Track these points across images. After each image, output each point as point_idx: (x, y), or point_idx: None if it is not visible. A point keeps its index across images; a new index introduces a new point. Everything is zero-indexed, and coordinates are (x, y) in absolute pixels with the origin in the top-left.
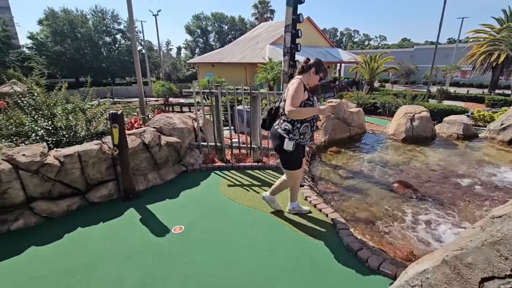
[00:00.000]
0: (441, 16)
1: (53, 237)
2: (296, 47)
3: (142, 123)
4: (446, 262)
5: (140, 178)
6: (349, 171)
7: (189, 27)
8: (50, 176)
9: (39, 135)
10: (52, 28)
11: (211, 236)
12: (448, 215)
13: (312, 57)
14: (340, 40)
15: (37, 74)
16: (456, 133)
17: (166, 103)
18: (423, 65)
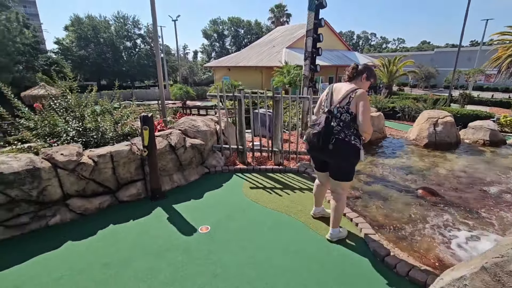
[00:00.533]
0: (465, 18)
1: (88, 233)
2: (317, 51)
3: (164, 126)
4: (485, 269)
5: (166, 179)
6: (370, 176)
7: (206, 31)
8: (84, 174)
9: (70, 136)
10: (77, 34)
11: (237, 236)
12: (476, 223)
13: (329, 61)
14: (356, 43)
15: (70, 79)
16: (482, 139)
17: (184, 105)
18: (444, 69)
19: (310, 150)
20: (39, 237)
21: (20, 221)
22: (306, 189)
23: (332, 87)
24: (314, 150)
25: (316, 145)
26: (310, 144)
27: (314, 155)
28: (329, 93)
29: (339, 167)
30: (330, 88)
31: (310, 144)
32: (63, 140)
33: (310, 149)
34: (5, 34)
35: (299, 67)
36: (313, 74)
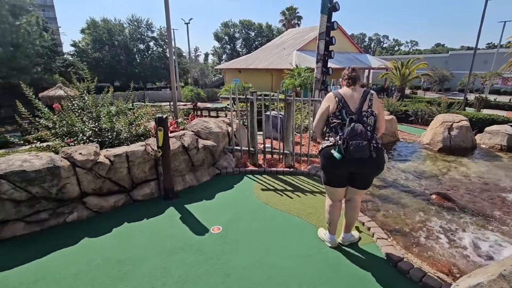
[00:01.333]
0: (481, 20)
1: (103, 230)
2: (329, 54)
3: (176, 127)
4: (504, 277)
5: (178, 179)
6: (382, 180)
7: (217, 34)
8: (101, 173)
9: (86, 136)
10: (92, 36)
11: (248, 238)
12: (492, 231)
13: (340, 63)
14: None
15: (88, 80)
16: (500, 144)
17: (195, 107)
18: (459, 72)
19: (341, 165)
20: (58, 233)
21: (40, 217)
22: (317, 192)
23: (340, 96)
24: (349, 164)
25: (361, 157)
26: (351, 158)
27: (344, 169)
28: (339, 103)
29: (374, 175)
30: (337, 97)
31: (351, 158)
32: (80, 140)
33: (343, 164)
34: (26, 37)
35: (310, 69)
36: (325, 77)
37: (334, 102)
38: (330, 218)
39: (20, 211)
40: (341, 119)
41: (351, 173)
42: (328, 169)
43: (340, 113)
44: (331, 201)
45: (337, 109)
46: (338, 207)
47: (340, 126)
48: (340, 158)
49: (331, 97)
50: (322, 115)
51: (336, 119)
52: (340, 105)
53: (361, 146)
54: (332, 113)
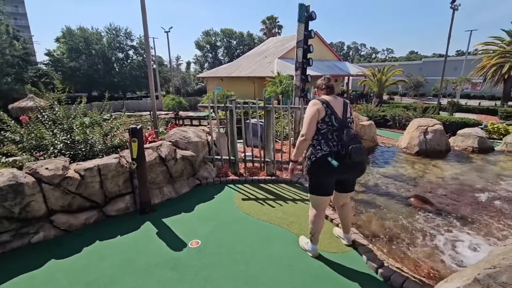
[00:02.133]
0: (450, 29)
1: (72, 250)
2: (308, 61)
3: (155, 137)
4: (478, 281)
5: (156, 192)
6: (363, 185)
7: (198, 42)
8: (70, 189)
9: (57, 149)
10: (68, 45)
11: (228, 250)
12: (468, 231)
13: (321, 71)
14: (347, 54)
15: (59, 90)
16: (471, 146)
17: (176, 116)
18: (432, 78)
19: (337, 172)
20: (21, 255)
21: (1, 239)
22: (298, 199)
23: (327, 102)
24: (346, 170)
25: (360, 160)
26: (352, 162)
27: (340, 176)
28: (327, 109)
29: (359, 176)
30: (324, 104)
31: (352, 162)
32: (50, 153)
33: (340, 170)
34: None
35: (291, 77)
36: (304, 84)
37: (322, 108)
38: (314, 228)
39: None
40: (330, 125)
41: (338, 179)
42: (323, 178)
43: (329, 119)
44: (316, 211)
45: (326, 115)
46: (323, 217)
47: (330, 132)
48: (337, 165)
49: (318, 103)
50: (312, 120)
51: (326, 125)
52: (329, 112)
53: (360, 149)
54: (321, 119)
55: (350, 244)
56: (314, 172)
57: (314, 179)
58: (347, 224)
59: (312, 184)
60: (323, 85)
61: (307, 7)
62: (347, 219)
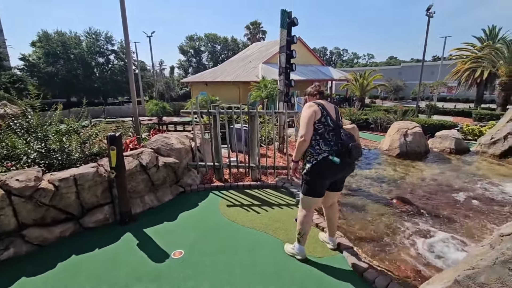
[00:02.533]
0: (426, 35)
1: (46, 266)
2: (291, 66)
3: (137, 144)
4: (458, 282)
5: (137, 201)
6: (347, 187)
7: (182, 47)
8: (44, 201)
9: (31, 158)
10: (45, 50)
11: (212, 259)
12: (449, 231)
13: (305, 75)
14: (330, 59)
15: (32, 97)
16: (449, 147)
17: (160, 122)
18: (410, 82)
19: (337, 171)
20: None
21: None
22: (284, 204)
23: (322, 105)
24: (344, 168)
25: (352, 159)
26: (352, 159)
27: (340, 175)
28: (323, 110)
29: (350, 173)
30: (320, 106)
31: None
32: (23, 163)
33: (339, 169)
34: None
35: (276, 81)
36: (288, 89)
37: (318, 109)
38: (304, 229)
39: None
40: (327, 125)
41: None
42: (321, 180)
43: (325, 120)
44: (306, 212)
45: (322, 116)
46: (312, 217)
47: (327, 132)
48: (340, 162)
49: (314, 105)
50: (310, 121)
51: (322, 125)
52: (325, 113)
53: (358, 147)
54: (318, 120)
55: (335, 248)
56: (313, 175)
57: (311, 181)
58: (334, 226)
59: (308, 186)
60: (314, 91)
61: (289, 13)
62: (334, 220)
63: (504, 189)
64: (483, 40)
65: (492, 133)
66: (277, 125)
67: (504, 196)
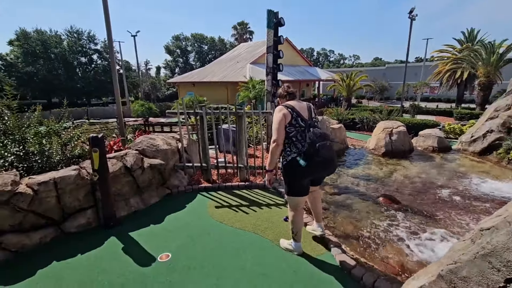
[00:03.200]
0: (409, 37)
1: (24, 274)
2: (278, 67)
3: (122, 145)
4: (442, 277)
5: (122, 204)
6: (335, 186)
7: (168, 47)
8: (22, 206)
9: (8, 161)
10: (23, 49)
11: (200, 263)
12: (433, 227)
13: (292, 75)
14: (317, 59)
15: (8, 97)
16: (432, 146)
17: (146, 123)
18: (395, 82)
19: (309, 171)
20: None
21: None
22: (272, 204)
23: (291, 106)
24: (317, 168)
25: (330, 157)
26: (322, 158)
27: (311, 176)
28: (293, 112)
29: (331, 173)
30: (289, 108)
31: (322, 158)
32: (0, 166)
33: (311, 170)
34: None
35: (264, 82)
36: (275, 89)
37: (287, 112)
38: (297, 227)
39: None
40: (298, 127)
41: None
42: (298, 180)
43: (296, 121)
44: (294, 211)
45: (293, 118)
46: (302, 215)
47: (300, 133)
48: (305, 165)
49: (283, 108)
50: (281, 124)
51: (293, 127)
52: (295, 114)
53: (328, 145)
54: (288, 122)
55: (323, 232)
56: (288, 175)
57: (289, 182)
58: (318, 211)
59: (288, 187)
60: (284, 92)
61: (276, 13)
62: (318, 207)
63: (485, 185)
64: (462, 42)
65: (472, 132)
66: (265, 125)
67: (485, 192)
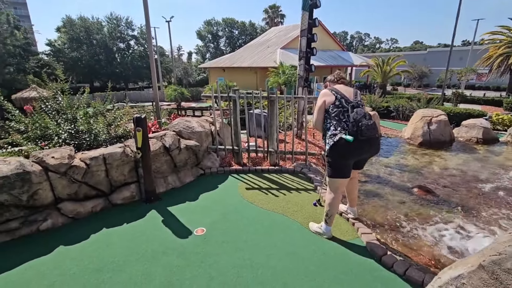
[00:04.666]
0: (456, 18)
1: (80, 237)
2: (311, 51)
3: (159, 127)
4: (483, 268)
5: (160, 181)
6: (366, 175)
7: (200, 32)
8: (77, 178)
9: (62, 139)
10: (69, 35)
11: (233, 238)
12: (471, 221)
13: (324, 61)
14: (350, 44)
15: (61, 80)
16: (476, 137)
17: (178, 107)
18: (436, 68)
19: (355, 151)
20: (30, 242)
21: (10, 226)
22: (302, 189)
23: (336, 89)
24: (362, 148)
25: (374, 136)
26: (366, 137)
27: (357, 156)
28: (337, 94)
29: (375, 154)
30: (333, 91)
31: (366, 137)
32: (55, 143)
33: (356, 150)
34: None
35: (294, 67)
36: (308, 74)
37: (331, 95)
38: (332, 211)
39: None
40: (341, 107)
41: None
42: (343, 161)
43: (340, 103)
44: (334, 194)
45: (336, 100)
46: (340, 199)
47: (342, 113)
48: (352, 140)
49: (327, 92)
50: (320, 110)
51: (336, 108)
52: (339, 96)
53: (370, 125)
54: (331, 104)
55: (356, 217)
56: (334, 156)
57: (333, 163)
58: (354, 197)
59: (331, 168)
60: (335, 77)
61: None
62: (354, 192)
63: None
64: None
65: None
66: (296, 111)
67: None
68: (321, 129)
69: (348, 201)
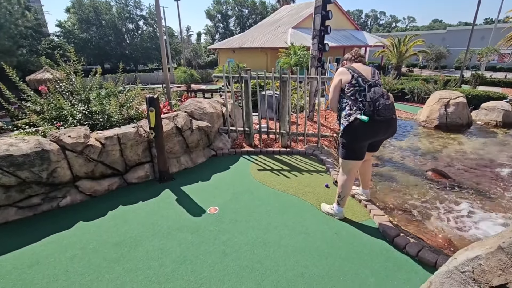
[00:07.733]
0: None
1: (98, 213)
2: (326, 29)
3: (170, 109)
4: (502, 249)
5: (173, 161)
6: (379, 158)
7: (209, 11)
8: (93, 157)
9: (76, 119)
10: (78, 16)
11: (246, 217)
12: (487, 205)
13: (336, 41)
14: (364, 23)
15: (74, 60)
16: (495, 120)
17: (188, 89)
18: (456, 48)
19: (371, 132)
20: (51, 217)
21: (32, 202)
22: (314, 171)
23: (353, 68)
24: (378, 129)
25: (391, 117)
26: (383, 117)
27: (373, 138)
28: (354, 73)
29: (391, 136)
30: (350, 69)
31: (383, 117)
32: (70, 123)
33: (373, 131)
34: (7, 17)
35: (306, 48)
36: (321, 54)
37: (347, 74)
38: (345, 192)
39: (11, 197)
40: (358, 86)
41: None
42: (358, 142)
43: (357, 81)
44: (347, 176)
45: (353, 79)
46: (353, 181)
47: (359, 92)
48: (368, 120)
49: (344, 70)
50: (336, 89)
51: (353, 87)
52: (356, 75)
53: (387, 104)
54: (348, 82)
55: (369, 199)
56: (348, 136)
57: (348, 144)
58: (367, 179)
59: (346, 150)
60: (353, 55)
61: None
62: (367, 174)
63: None
64: None
65: None
66: (308, 93)
67: None
68: (336, 109)
69: (361, 183)
